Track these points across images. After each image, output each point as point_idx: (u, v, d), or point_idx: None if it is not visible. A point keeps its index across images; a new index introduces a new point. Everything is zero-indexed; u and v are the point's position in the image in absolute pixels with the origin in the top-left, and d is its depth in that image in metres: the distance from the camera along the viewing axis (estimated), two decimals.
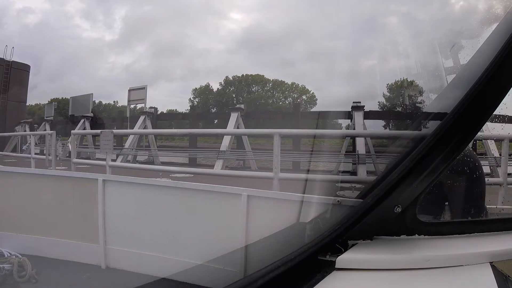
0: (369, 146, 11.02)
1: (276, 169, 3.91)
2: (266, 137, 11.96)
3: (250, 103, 28.02)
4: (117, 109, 25.46)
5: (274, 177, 3.89)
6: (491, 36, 0.97)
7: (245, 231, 2.71)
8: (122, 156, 13.17)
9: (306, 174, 3.66)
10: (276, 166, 3.91)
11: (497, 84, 0.86)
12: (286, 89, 30.42)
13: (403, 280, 0.83)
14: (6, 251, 3.14)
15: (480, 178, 1.66)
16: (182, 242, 2.95)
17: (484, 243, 0.98)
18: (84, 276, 3.14)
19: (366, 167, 9.44)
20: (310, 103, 29.10)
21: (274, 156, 4.03)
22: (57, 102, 22.00)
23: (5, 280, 2.88)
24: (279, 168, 3.99)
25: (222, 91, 30.55)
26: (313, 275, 0.84)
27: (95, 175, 3.50)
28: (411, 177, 0.90)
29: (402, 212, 0.92)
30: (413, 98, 2.83)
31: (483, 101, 0.87)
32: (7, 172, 3.90)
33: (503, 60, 0.83)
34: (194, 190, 3.09)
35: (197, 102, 30.54)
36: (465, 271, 0.85)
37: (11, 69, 19.11)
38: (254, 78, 30.46)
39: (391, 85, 15.00)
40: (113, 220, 3.31)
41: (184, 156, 14.66)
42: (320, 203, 1.20)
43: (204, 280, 1.51)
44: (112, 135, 5.28)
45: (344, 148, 11.74)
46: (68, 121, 18.58)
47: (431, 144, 0.88)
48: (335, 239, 0.91)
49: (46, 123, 18.49)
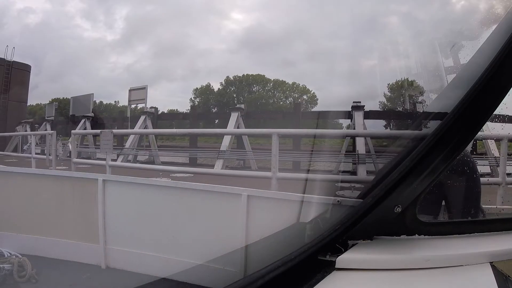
0: (369, 146, 11.02)
1: (274, 168, 3.94)
2: (265, 137, 12.17)
3: (250, 103, 28.05)
4: (118, 109, 25.47)
5: (272, 177, 3.92)
6: (491, 36, 0.97)
7: (245, 231, 2.71)
8: (122, 156, 13.19)
9: (306, 174, 3.66)
10: (275, 166, 3.96)
11: (497, 84, 0.86)
12: (287, 89, 30.43)
13: (403, 280, 0.83)
14: (6, 251, 3.14)
15: (477, 178, 1.66)
16: (182, 242, 2.95)
17: (484, 243, 0.98)
18: (84, 276, 3.14)
19: (366, 167, 9.44)
20: (311, 103, 29.11)
21: (273, 155, 4.08)
22: (58, 102, 22.04)
23: (5, 280, 2.88)
24: (278, 167, 4.04)
25: (223, 91, 30.56)
26: (313, 275, 0.84)
27: (95, 175, 3.50)
28: (411, 177, 0.90)
29: (402, 212, 0.92)
30: (413, 98, 2.84)
31: (483, 101, 0.87)
32: (7, 172, 3.90)
33: (503, 60, 0.83)
34: (194, 190, 3.09)
35: (198, 102, 30.57)
36: (465, 271, 0.85)
37: (12, 69, 19.14)
38: (255, 78, 30.47)
39: (391, 85, 15.02)
40: (113, 220, 3.31)
41: (185, 156, 14.71)
42: (320, 203, 1.20)
43: (204, 280, 1.51)
44: (112, 135, 5.30)
45: (344, 148, 11.74)
46: (68, 121, 18.60)
47: (431, 144, 0.88)
48: (335, 239, 0.91)
49: (47, 123, 18.53)
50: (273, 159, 4.08)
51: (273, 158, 4.08)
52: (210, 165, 12.22)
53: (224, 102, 28.73)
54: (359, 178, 6.44)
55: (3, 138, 16.40)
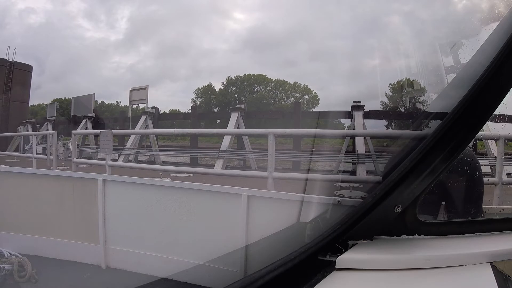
0: (369, 146, 11.01)
1: (270, 168, 4.04)
2: (263, 137, 12.28)
3: (252, 103, 28.09)
4: (120, 109, 25.51)
5: (268, 176, 3.98)
6: (491, 35, 0.97)
7: (245, 231, 2.71)
8: (123, 156, 13.24)
9: (306, 174, 3.66)
10: (271, 166, 4.05)
11: (497, 84, 0.85)
12: (289, 88, 30.42)
13: (403, 280, 0.83)
14: (6, 251, 3.15)
15: (479, 178, 1.65)
16: (182, 242, 2.95)
17: (484, 243, 0.97)
18: (84, 276, 3.15)
19: (365, 166, 9.43)
20: (312, 102, 29.09)
21: (269, 155, 4.18)
22: (60, 102, 22.17)
23: (5, 280, 2.88)
24: (274, 167, 4.15)
25: (225, 91, 30.56)
26: (313, 275, 0.84)
27: (96, 175, 3.50)
28: (411, 177, 0.90)
29: (402, 212, 0.92)
30: (413, 98, 2.84)
31: (483, 101, 0.87)
32: (8, 172, 3.91)
33: (503, 60, 0.83)
34: (194, 190, 3.09)
35: (200, 102, 30.60)
36: (465, 271, 0.85)
37: (14, 69, 19.24)
38: (256, 78, 30.47)
39: (393, 84, 15.00)
40: (113, 220, 3.31)
41: (185, 156, 14.77)
42: (320, 203, 1.20)
43: (204, 280, 1.51)
44: (111, 135, 5.37)
45: (344, 147, 11.73)
46: (70, 121, 18.71)
47: (431, 144, 0.88)
48: (335, 239, 0.90)
49: (48, 123, 18.62)
50: (269, 159, 4.18)
51: (269, 158, 4.19)
52: (211, 165, 12.23)
53: (225, 102, 28.73)
54: (359, 178, 6.43)
55: (5, 138, 16.47)
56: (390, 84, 15.06)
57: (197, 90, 30.92)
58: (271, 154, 4.19)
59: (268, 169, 4.13)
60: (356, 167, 10.12)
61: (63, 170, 5.63)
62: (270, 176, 4.05)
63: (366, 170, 9.12)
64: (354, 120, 12.94)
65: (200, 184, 3.13)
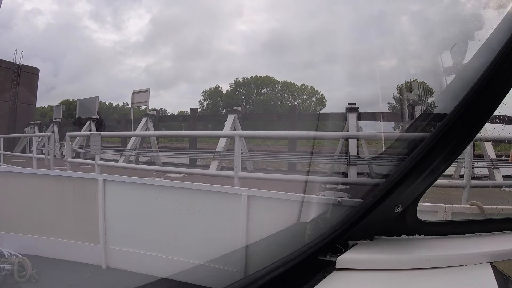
0: (363, 148, 11.02)
1: (237, 168, 4.35)
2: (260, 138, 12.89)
3: (259, 104, 28.27)
4: (127, 110, 25.81)
5: (234, 176, 4.29)
6: (491, 36, 0.97)
7: (245, 231, 2.71)
8: (124, 157, 13.36)
9: (306, 175, 3.67)
10: (237, 166, 4.37)
11: (497, 84, 0.86)
12: (296, 90, 30.44)
13: (403, 280, 0.83)
14: (7, 251, 3.14)
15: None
16: (182, 242, 2.95)
17: (484, 243, 0.98)
18: (84, 276, 3.14)
19: (357, 168, 9.47)
20: (319, 104, 29.09)
21: (235, 156, 4.47)
22: (68, 104, 22.48)
23: (5, 280, 2.88)
24: (240, 167, 4.42)
25: (232, 92, 30.58)
26: (313, 275, 0.84)
27: (96, 175, 3.50)
28: (411, 178, 0.90)
29: (402, 212, 0.92)
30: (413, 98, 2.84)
31: (483, 101, 0.87)
32: (8, 172, 3.91)
33: (503, 60, 0.83)
34: (194, 190, 3.09)
35: (207, 103, 30.70)
36: (465, 271, 0.85)
37: (21, 72, 19.50)
38: (263, 80, 30.50)
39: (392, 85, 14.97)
40: (113, 220, 3.31)
41: (184, 157, 14.97)
42: (320, 203, 1.20)
43: (204, 280, 1.51)
44: (100, 137, 5.90)
45: (339, 149, 11.75)
46: (75, 123, 18.98)
47: (431, 144, 0.88)
48: (335, 239, 0.91)
49: (54, 125, 18.95)
50: (236, 159, 4.44)
51: (236, 159, 4.45)
52: (207, 165, 12.37)
53: (233, 104, 28.81)
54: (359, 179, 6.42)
55: (12, 139, 16.67)
56: (397, 86, 15.02)
57: (204, 92, 31.02)
58: (237, 155, 4.45)
59: (235, 169, 4.36)
60: (348, 168, 10.12)
61: (61, 170, 5.65)
62: (236, 176, 4.25)
63: (357, 172, 9.09)
64: (348, 122, 13.00)
65: (200, 184, 3.13)
